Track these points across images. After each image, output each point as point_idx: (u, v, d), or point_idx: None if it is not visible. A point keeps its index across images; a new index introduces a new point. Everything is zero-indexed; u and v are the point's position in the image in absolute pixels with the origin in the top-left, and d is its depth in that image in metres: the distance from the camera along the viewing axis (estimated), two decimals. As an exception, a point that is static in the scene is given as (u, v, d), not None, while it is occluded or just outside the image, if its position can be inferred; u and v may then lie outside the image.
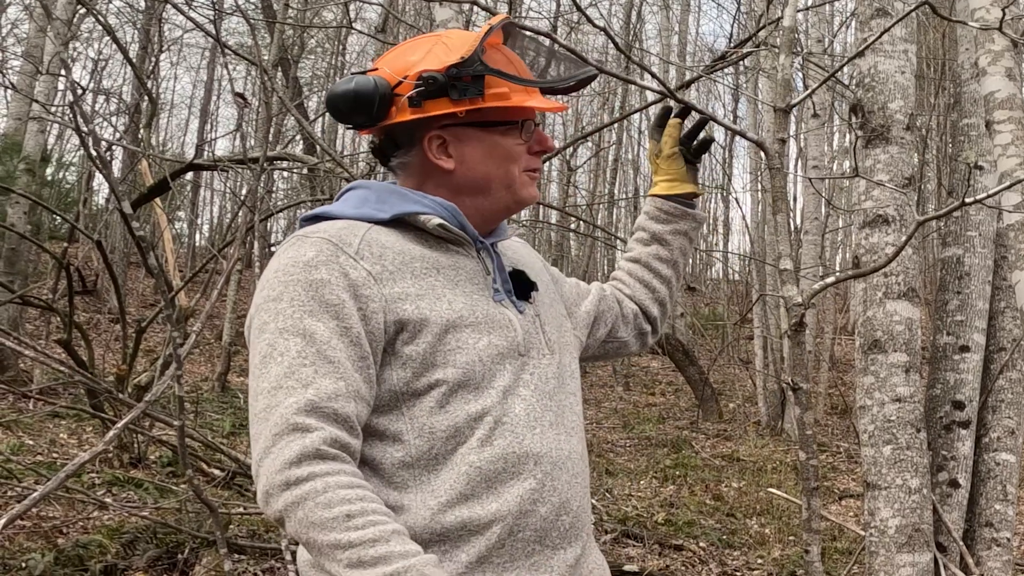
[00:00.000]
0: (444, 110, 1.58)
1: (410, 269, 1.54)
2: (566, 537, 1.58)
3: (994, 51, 3.17)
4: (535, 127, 1.68)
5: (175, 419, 3.55)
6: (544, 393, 1.61)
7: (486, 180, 1.64)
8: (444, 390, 1.51)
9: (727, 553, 6.59)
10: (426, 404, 1.51)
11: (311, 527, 1.37)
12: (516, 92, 1.62)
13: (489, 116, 1.62)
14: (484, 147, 1.63)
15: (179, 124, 28.58)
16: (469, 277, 1.61)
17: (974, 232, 3.85)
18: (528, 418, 1.56)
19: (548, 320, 1.71)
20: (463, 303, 1.56)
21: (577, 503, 1.60)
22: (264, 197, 10.24)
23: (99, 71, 18.81)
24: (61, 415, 8.09)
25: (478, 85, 1.58)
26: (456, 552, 1.49)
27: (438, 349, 1.51)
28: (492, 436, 1.52)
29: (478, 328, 1.55)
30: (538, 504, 1.53)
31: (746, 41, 7.40)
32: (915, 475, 3.39)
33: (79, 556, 4.68)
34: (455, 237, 1.61)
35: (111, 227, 15.43)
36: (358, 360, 1.47)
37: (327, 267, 1.49)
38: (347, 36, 19.64)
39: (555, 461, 1.57)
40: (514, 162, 1.65)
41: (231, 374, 11.96)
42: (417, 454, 1.50)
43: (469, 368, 1.52)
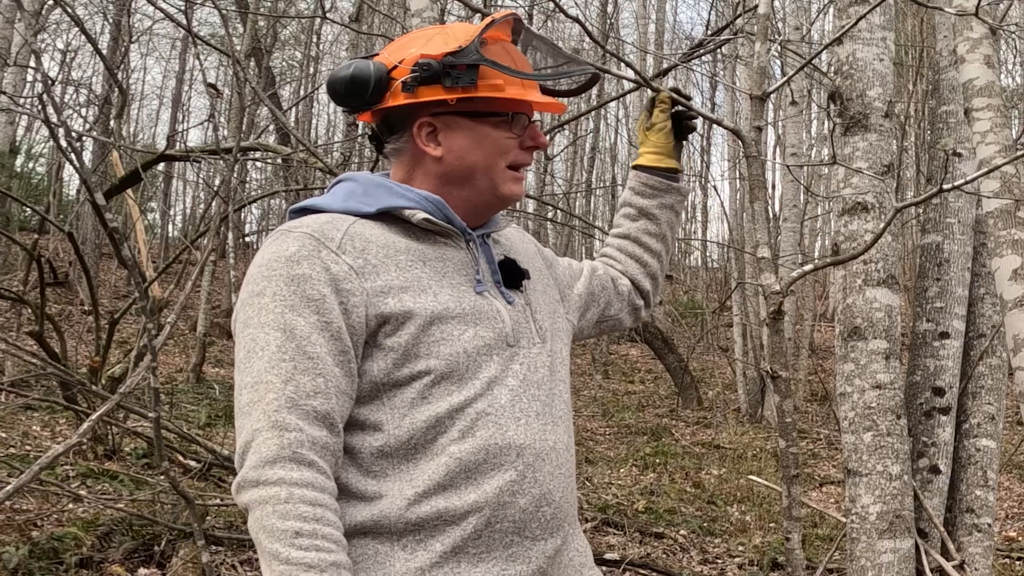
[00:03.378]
0: (436, 96, 1.58)
1: (395, 262, 1.54)
2: (547, 528, 1.57)
3: (972, 39, 3.17)
4: (529, 123, 1.66)
5: (150, 411, 3.50)
6: (532, 383, 1.60)
7: (471, 170, 1.63)
8: (427, 381, 1.51)
9: (708, 541, 6.60)
10: (408, 395, 1.51)
11: (262, 530, 1.39)
12: (511, 85, 1.61)
13: (481, 107, 1.61)
14: (472, 137, 1.62)
15: (150, 115, 28.39)
16: (457, 269, 1.60)
17: (953, 219, 3.85)
18: (514, 408, 1.56)
19: (540, 308, 1.70)
20: (449, 295, 1.55)
21: (560, 494, 1.59)
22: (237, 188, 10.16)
23: (68, 62, 18.61)
24: (34, 407, 8.01)
25: (472, 74, 1.58)
26: (431, 541, 1.49)
27: (421, 340, 1.51)
28: (474, 427, 1.51)
29: (464, 320, 1.55)
30: (517, 496, 1.53)
31: (723, 29, 7.40)
32: (896, 462, 3.39)
33: (54, 549, 4.63)
34: (442, 229, 1.61)
35: (82, 218, 15.28)
36: (339, 355, 1.47)
37: (309, 262, 1.49)
38: (321, 26, 19.52)
39: (538, 452, 1.56)
40: (501, 155, 1.64)
41: (206, 365, 11.88)
42: (396, 443, 1.50)
43: (453, 360, 1.52)
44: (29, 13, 8.98)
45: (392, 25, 14.33)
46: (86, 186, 3.47)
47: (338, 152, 12.67)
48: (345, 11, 19.16)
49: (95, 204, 3.56)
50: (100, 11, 16.53)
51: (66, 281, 14.05)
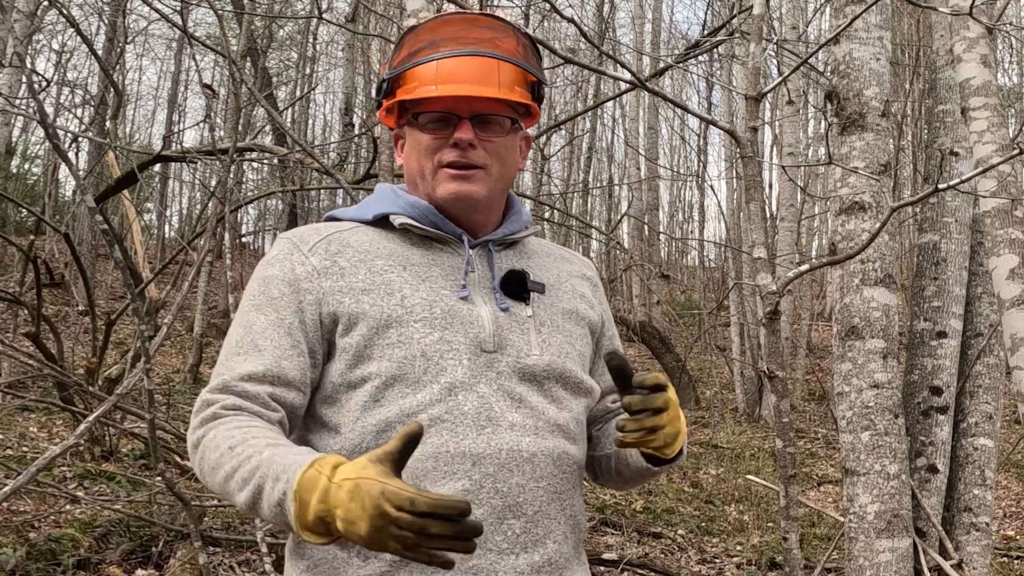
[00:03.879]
0: (383, 108, 1.70)
1: (368, 266, 1.59)
2: (517, 543, 1.51)
3: (969, 38, 3.17)
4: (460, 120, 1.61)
5: (146, 412, 3.49)
6: (509, 392, 1.55)
7: (412, 176, 1.68)
8: (377, 384, 1.51)
9: (706, 540, 6.61)
10: (360, 397, 1.52)
11: (211, 473, 1.44)
12: (422, 86, 1.61)
13: (412, 111, 1.65)
14: (410, 143, 1.67)
15: (146, 115, 28.24)
16: (444, 273, 1.60)
17: (950, 218, 3.85)
18: (478, 417, 1.51)
19: (551, 325, 1.65)
20: (422, 298, 1.56)
21: (536, 508, 1.53)
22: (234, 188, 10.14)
23: (64, 63, 18.59)
24: (30, 409, 7.99)
25: (391, 84, 1.66)
26: None
27: (374, 343, 1.52)
28: (426, 435, 1.48)
29: (431, 323, 1.54)
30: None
31: (719, 29, 7.41)
32: (893, 461, 3.39)
33: (51, 550, 4.62)
34: (436, 235, 1.62)
35: (78, 219, 15.26)
36: (290, 348, 1.54)
37: (280, 264, 1.60)
38: (317, 26, 19.50)
39: (503, 463, 1.51)
40: (427, 156, 1.63)
41: (203, 366, 11.86)
42: (351, 447, 1.50)
43: (407, 363, 1.51)
44: (24, 15, 8.97)
45: (388, 25, 14.33)
46: (78, 189, 3.47)
47: (334, 153, 12.66)
48: (341, 11, 19.15)
49: (90, 208, 3.56)
50: (95, 12, 16.50)
51: (62, 282, 14.03)
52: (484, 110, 1.61)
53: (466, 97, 1.60)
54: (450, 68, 1.60)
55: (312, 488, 1.29)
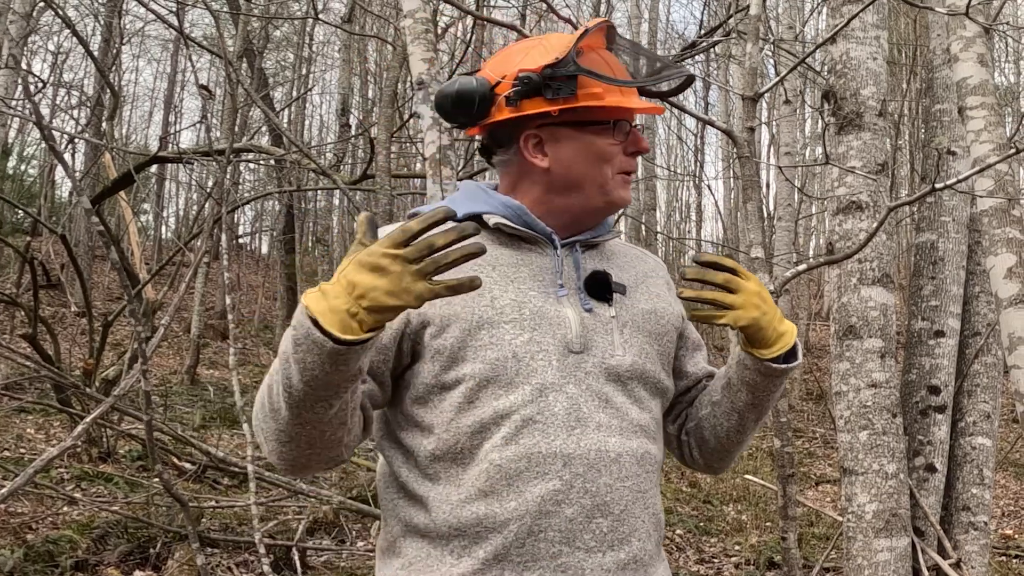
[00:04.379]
0: (539, 109, 1.62)
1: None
2: (604, 541, 1.54)
3: (966, 37, 3.17)
4: (631, 128, 1.66)
5: (143, 413, 3.49)
6: (597, 393, 1.58)
7: (579, 180, 1.65)
8: (471, 385, 1.53)
9: (704, 540, 6.60)
10: (454, 398, 1.54)
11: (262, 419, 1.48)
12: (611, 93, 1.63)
13: (583, 116, 1.63)
14: (578, 146, 1.64)
15: (142, 116, 28.22)
16: (533, 274, 1.62)
17: (948, 218, 3.85)
18: (568, 417, 1.55)
19: (632, 326, 1.67)
20: (511, 299, 1.57)
21: (622, 507, 1.57)
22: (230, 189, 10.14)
23: (60, 64, 18.57)
24: (28, 410, 7.98)
25: (571, 85, 1.60)
26: (474, 547, 1.50)
27: (468, 344, 1.53)
28: (518, 435, 1.52)
29: (521, 324, 1.56)
30: (563, 505, 1.52)
31: (716, 29, 7.40)
32: (892, 460, 3.39)
33: (49, 552, 4.62)
34: (527, 235, 1.64)
35: (75, 220, 15.24)
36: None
37: None
38: (313, 27, 19.49)
39: (592, 463, 1.55)
40: (607, 162, 1.65)
41: (200, 367, 11.85)
42: (444, 448, 1.53)
43: (499, 364, 1.53)
44: (20, 15, 8.95)
45: (384, 26, 14.32)
46: (75, 190, 3.46)
47: (331, 153, 12.66)
48: (337, 12, 19.14)
49: (86, 209, 3.55)
50: (91, 13, 16.49)
51: (59, 283, 14.02)
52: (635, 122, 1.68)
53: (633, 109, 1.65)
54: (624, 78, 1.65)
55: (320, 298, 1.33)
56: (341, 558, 5.41)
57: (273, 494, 6.02)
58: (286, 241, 18.50)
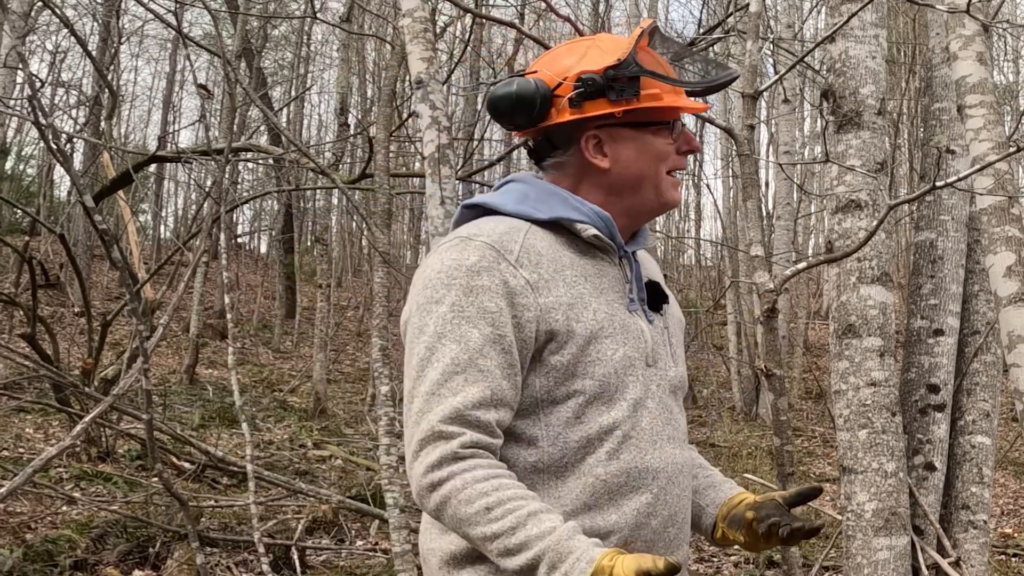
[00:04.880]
0: (603, 110, 1.62)
1: (562, 277, 1.58)
2: (670, 547, 1.62)
3: (965, 35, 3.16)
4: (683, 127, 1.69)
5: (143, 413, 3.49)
6: (665, 406, 1.64)
7: (638, 179, 1.66)
8: (581, 400, 1.55)
9: (703, 539, 6.59)
10: (563, 413, 1.55)
11: (460, 523, 1.47)
12: (667, 93, 1.64)
13: (643, 116, 1.64)
14: (637, 146, 1.65)
15: (141, 116, 28.25)
16: (611, 285, 1.64)
17: (947, 216, 3.85)
18: (651, 432, 1.60)
19: (675, 333, 1.74)
20: (605, 312, 1.59)
21: (683, 515, 1.65)
22: (229, 188, 10.13)
23: (58, 63, 18.55)
24: (27, 410, 7.98)
25: (634, 86, 1.61)
26: None
27: (580, 360, 1.55)
28: (620, 450, 1.56)
29: (615, 339, 1.58)
30: (651, 517, 1.59)
31: (715, 27, 7.39)
32: (891, 459, 3.39)
33: (48, 551, 4.62)
34: (604, 246, 1.65)
35: (73, 220, 15.22)
36: (507, 368, 1.52)
37: (488, 274, 1.53)
38: (311, 26, 19.48)
39: (670, 475, 1.62)
40: (663, 161, 1.67)
41: (199, 366, 11.84)
42: (549, 461, 1.55)
43: (605, 380, 1.55)
44: (18, 15, 8.95)
45: (383, 25, 14.31)
46: (76, 188, 3.46)
47: (329, 152, 12.65)
48: (336, 11, 19.13)
49: (85, 206, 3.55)
50: (89, 12, 16.48)
51: (58, 283, 14.01)
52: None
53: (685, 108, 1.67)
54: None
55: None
56: (340, 557, 5.41)
57: (272, 493, 6.02)
58: (285, 240, 18.48)
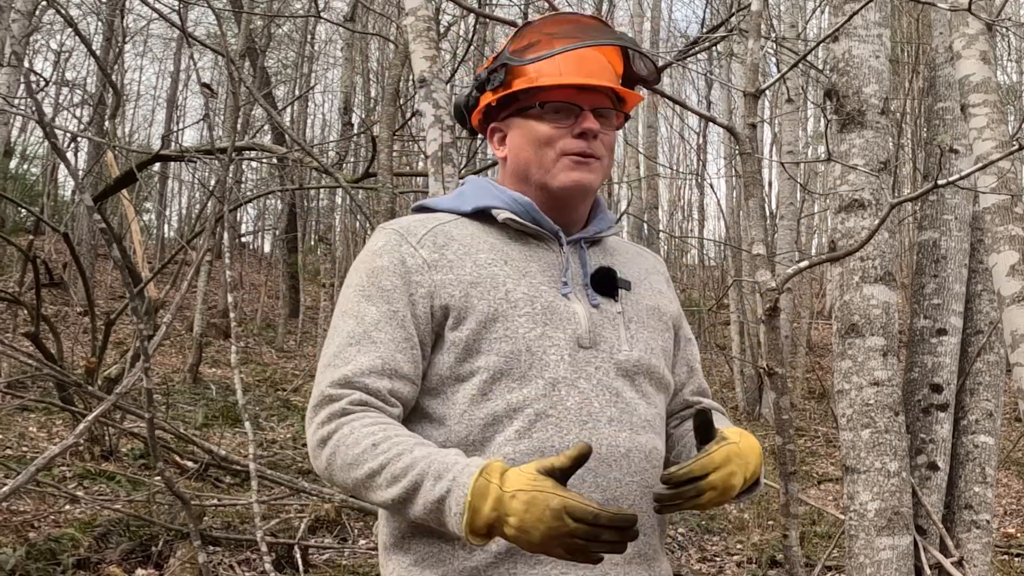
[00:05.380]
0: (485, 101, 1.70)
1: (473, 259, 1.61)
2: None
3: (968, 34, 3.16)
4: (583, 111, 1.65)
5: (145, 412, 3.49)
6: (609, 388, 1.59)
7: (526, 165, 1.67)
8: (485, 377, 1.54)
9: (706, 538, 6.60)
10: (468, 390, 1.55)
11: (348, 469, 1.48)
12: (544, 75, 1.64)
13: (523, 103, 1.67)
14: (522, 133, 1.67)
15: (145, 115, 28.17)
16: (542, 269, 1.63)
17: (950, 215, 3.84)
18: (580, 412, 1.55)
19: (639, 322, 1.69)
20: (524, 293, 1.59)
21: (631, 502, 1.58)
22: (233, 187, 10.15)
23: (62, 63, 18.57)
24: (30, 408, 7.99)
25: (502, 74, 1.67)
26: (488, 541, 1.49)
27: (483, 336, 1.55)
28: (531, 429, 1.53)
29: (534, 318, 1.57)
30: None
31: (718, 27, 7.39)
32: (894, 458, 3.38)
33: (51, 550, 4.62)
34: (535, 231, 1.66)
35: (77, 219, 15.25)
36: (402, 341, 1.56)
37: (389, 255, 1.61)
38: (315, 25, 19.48)
39: (604, 458, 1.55)
40: (548, 145, 1.65)
41: (203, 365, 11.85)
42: (456, 439, 1.54)
43: (513, 357, 1.54)
44: (22, 13, 8.96)
45: (386, 24, 14.31)
46: (78, 187, 3.46)
47: (333, 152, 12.66)
48: (340, 10, 19.13)
49: (87, 205, 3.56)
50: (93, 12, 16.49)
51: (62, 282, 14.02)
52: (602, 104, 1.67)
53: (589, 90, 1.65)
54: (574, 61, 1.66)
55: (484, 496, 1.35)
56: (343, 556, 5.42)
57: (275, 492, 6.03)
58: (288, 240, 18.50)
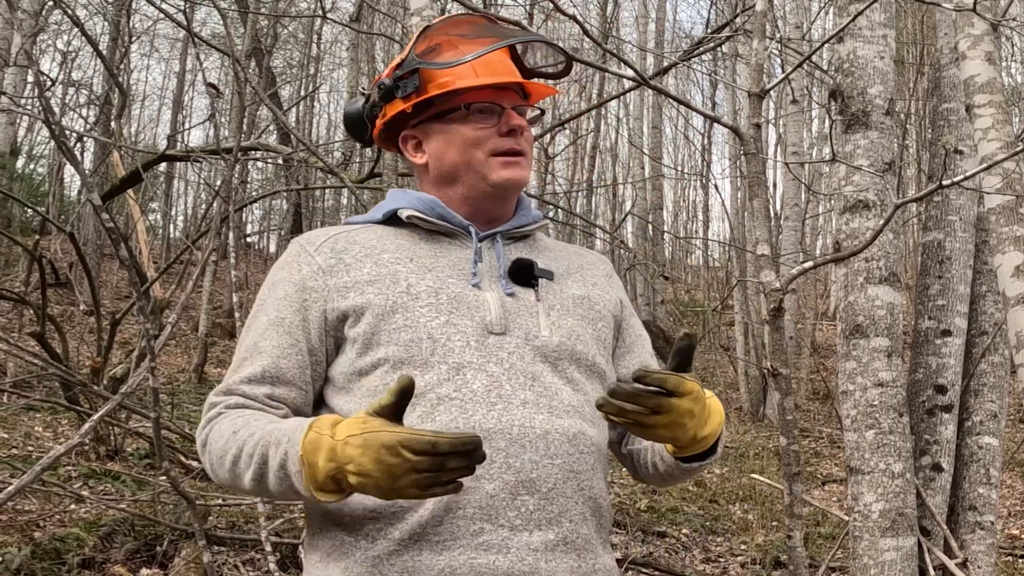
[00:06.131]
0: (396, 109, 1.69)
1: (374, 260, 1.62)
2: (531, 519, 1.49)
3: (973, 35, 3.16)
4: (505, 109, 1.66)
5: (150, 411, 3.50)
6: (524, 372, 1.56)
7: (454, 169, 1.67)
8: (387, 368, 1.54)
9: (710, 539, 6.60)
10: (371, 382, 1.54)
11: (219, 464, 1.51)
12: (461, 78, 1.64)
13: (441, 107, 1.66)
14: (445, 137, 1.67)
15: (151, 115, 28.32)
16: (452, 263, 1.63)
17: (955, 216, 3.84)
18: (489, 394, 1.52)
19: (560, 309, 1.66)
20: (428, 286, 1.59)
21: (550, 486, 1.51)
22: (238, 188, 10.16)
23: (69, 63, 18.61)
24: (36, 408, 8.00)
25: (415, 79, 1.66)
26: (388, 528, 1.47)
27: (381, 329, 1.55)
28: (434, 412, 1.50)
29: (437, 308, 1.57)
30: (482, 480, 1.46)
31: (723, 27, 7.39)
32: (898, 459, 3.38)
33: (56, 549, 4.62)
34: (444, 228, 1.66)
35: (83, 219, 15.27)
36: (287, 347, 1.59)
37: (288, 266, 1.65)
38: (321, 26, 19.51)
39: (515, 438, 1.50)
40: (477, 147, 1.65)
41: (208, 365, 11.86)
42: None
43: (413, 345, 1.54)
44: (29, 14, 8.99)
45: (392, 24, 14.33)
46: (84, 185, 3.47)
47: (339, 152, 12.68)
48: (345, 11, 19.16)
49: (93, 204, 3.56)
50: (100, 12, 16.53)
51: (67, 282, 14.06)
52: (517, 101, 1.69)
53: (504, 88, 1.66)
54: (483, 62, 1.65)
55: (316, 448, 1.35)
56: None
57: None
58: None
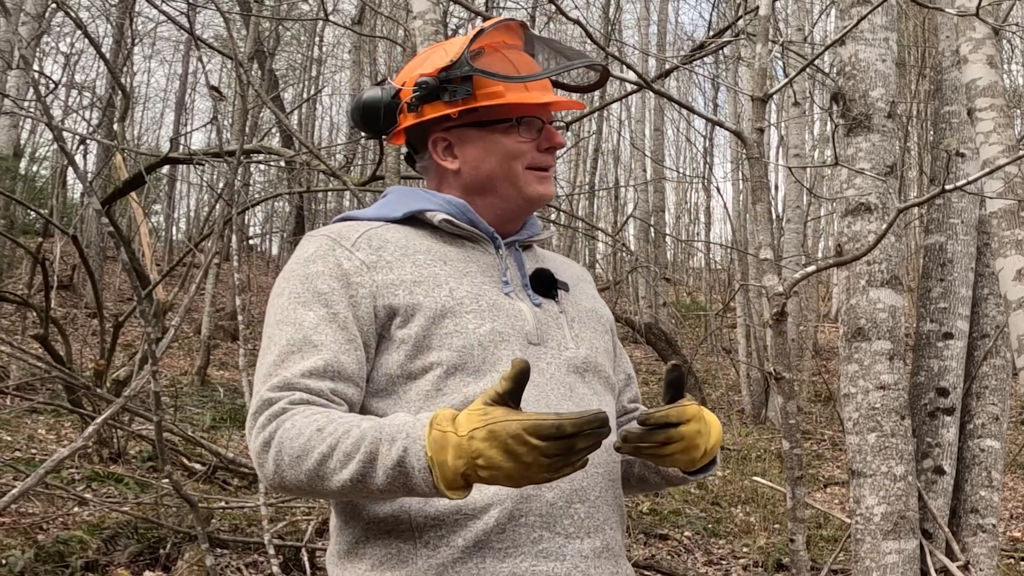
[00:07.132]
0: (439, 112, 1.64)
1: (412, 260, 1.58)
2: (582, 527, 1.53)
3: (975, 39, 3.16)
4: (544, 124, 1.67)
5: (153, 414, 3.51)
6: (562, 383, 1.58)
7: (490, 179, 1.66)
8: (440, 372, 1.51)
9: (712, 542, 6.60)
10: (422, 387, 1.52)
11: (297, 462, 1.41)
12: (512, 91, 1.63)
13: (485, 115, 1.64)
14: (485, 146, 1.65)
15: (154, 117, 28.30)
16: (482, 270, 1.62)
17: (956, 220, 3.85)
18: (538, 404, 1.53)
19: (580, 322, 1.69)
20: (467, 291, 1.57)
21: (596, 494, 1.56)
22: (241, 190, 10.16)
23: (72, 65, 18.64)
24: (39, 411, 8.01)
25: (467, 86, 1.62)
26: (451, 536, 1.47)
27: (433, 333, 1.52)
28: None
29: (481, 315, 1.55)
30: (544, 489, 1.49)
31: (725, 30, 7.39)
32: (900, 462, 3.39)
33: (59, 552, 4.63)
34: (469, 233, 1.65)
35: (86, 221, 15.29)
36: (345, 343, 1.52)
37: (323, 260, 1.57)
38: (323, 28, 19.54)
39: None
40: (516, 159, 1.65)
41: (211, 368, 11.87)
42: None
43: (466, 351, 1.52)
44: (32, 16, 9.01)
45: (394, 27, 14.34)
46: (85, 189, 3.48)
47: (341, 155, 12.69)
48: (347, 13, 19.19)
49: (95, 208, 3.58)
50: (103, 14, 16.56)
51: (71, 284, 14.07)
52: (551, 117, 1.69)
53: (551, 106, 1.66)
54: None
55: (443, 447, 1.31)
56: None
57: (282, 495, 6.04)
58: (296, 242, 18.51)
